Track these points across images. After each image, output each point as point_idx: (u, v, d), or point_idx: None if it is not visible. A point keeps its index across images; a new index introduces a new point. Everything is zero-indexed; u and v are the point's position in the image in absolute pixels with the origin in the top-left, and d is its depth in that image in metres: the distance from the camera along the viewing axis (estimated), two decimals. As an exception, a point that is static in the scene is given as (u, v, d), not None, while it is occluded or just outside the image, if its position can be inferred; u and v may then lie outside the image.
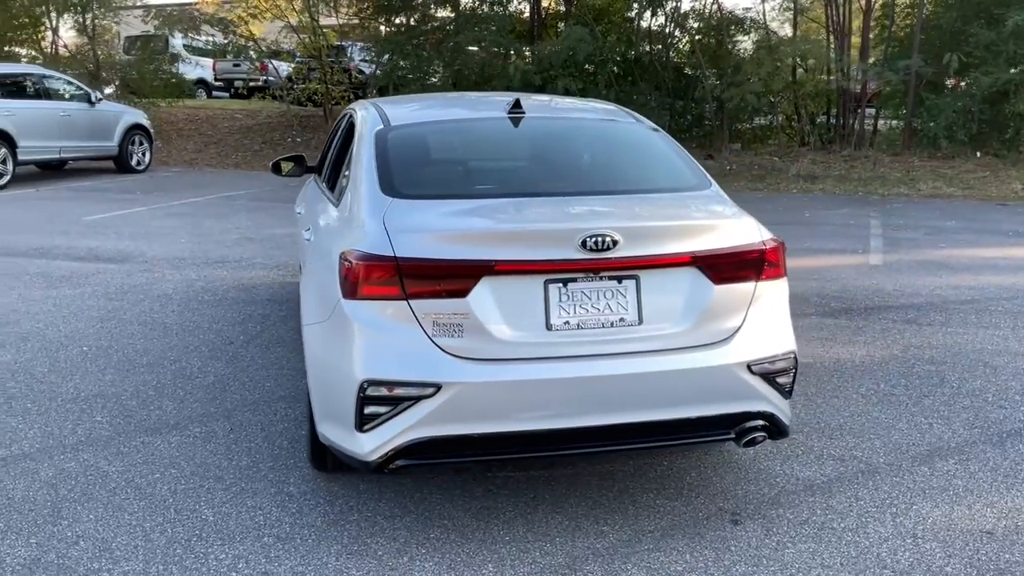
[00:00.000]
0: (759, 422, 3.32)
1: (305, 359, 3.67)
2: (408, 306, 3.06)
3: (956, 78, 16.05)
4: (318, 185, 4.90)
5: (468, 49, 16.73)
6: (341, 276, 3.19)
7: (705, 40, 18.02)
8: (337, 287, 3.21)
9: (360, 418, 3.09)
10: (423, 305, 3.06)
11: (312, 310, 3.56)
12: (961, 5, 16.16)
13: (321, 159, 5.29)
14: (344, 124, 4.79)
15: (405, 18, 18.12)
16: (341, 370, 3.16)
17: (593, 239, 3.06)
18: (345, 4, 19.37)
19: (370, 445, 3.11)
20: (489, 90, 15.96)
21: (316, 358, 3.43)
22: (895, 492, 3.75)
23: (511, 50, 17.04)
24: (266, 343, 5.70)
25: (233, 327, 6.07)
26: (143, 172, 15.79)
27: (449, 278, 3.06)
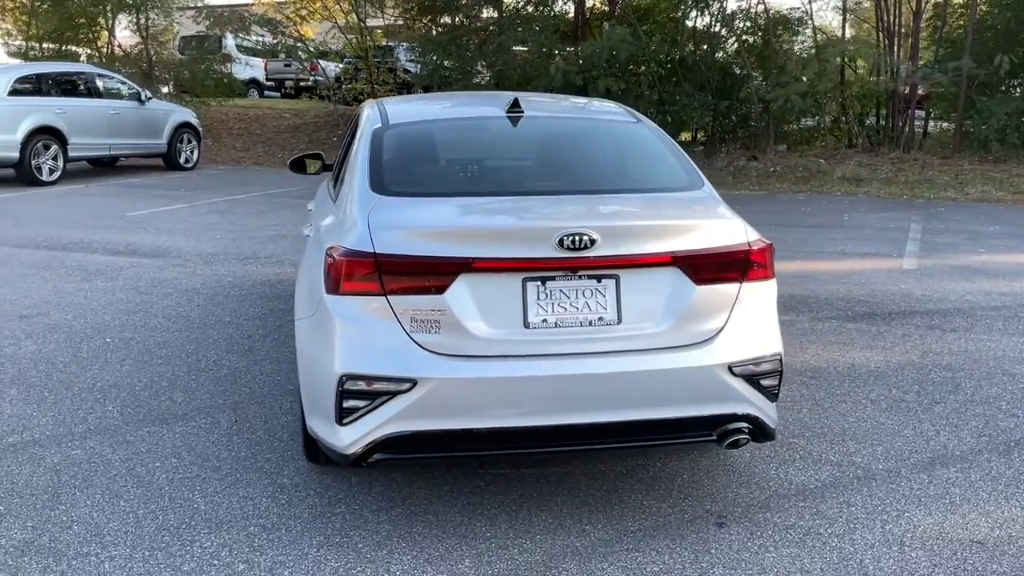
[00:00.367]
0: (742, 424, 3.30)
1: (296, 354, 3.73)
2: (387, 302, 3.10)
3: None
4: (328, 183, 4.98)
5: (512, 49, 16.75)
6: (324, 271, 3.24)
7: (751, 40, 17.83)
8: (323, 283, 3.27)
9: (339, 411, 3.14)
10: (401, 301, 3.09)
11: (302, 305, 3.62)
12: (1016, 5, 15.76)
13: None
14: (354, 123, 4.85)
15: (450, 18, 18.22)
16: (323, 364, 3.21)
17: (570, 238, 3.07)
18: (391, 5, 19.56)
19: (349, 438, 3.15)
20: (531, 90, 16.00)
21: (303, 352, 3.49)
22: (889, 499, 3.69)
23: (554, 50, 17.05)
24: (283, 338, 5.79)
25: (253, 321, 6.18)
26: (191, 170, 16.12)
27: (427, 275, 3.09)
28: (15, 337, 5.78)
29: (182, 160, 16.00)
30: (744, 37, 17.85)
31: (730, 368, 3.23)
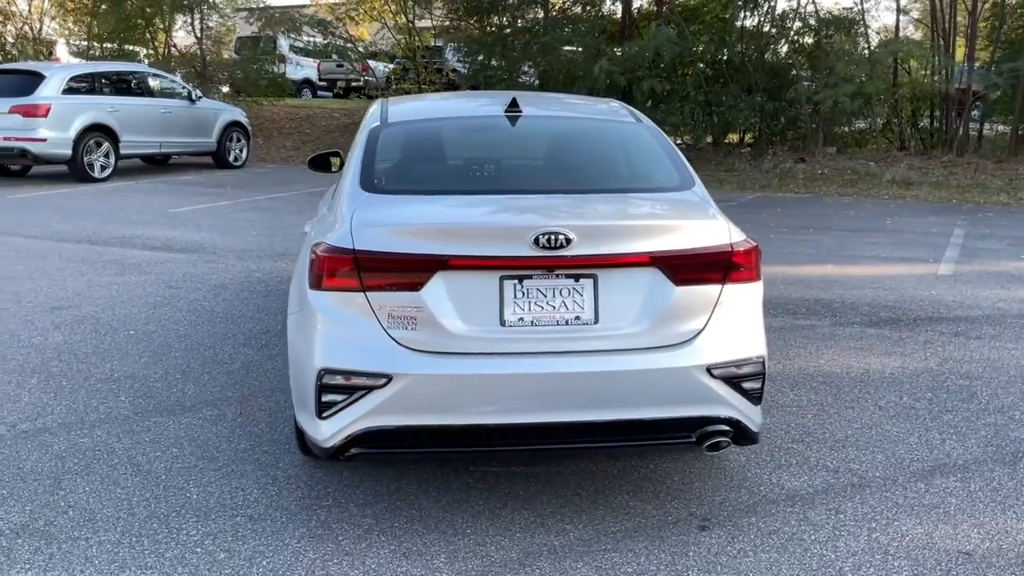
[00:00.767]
0: (722, 427, 3.27)
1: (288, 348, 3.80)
2: (366, 298, 3.14)
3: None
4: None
5: (558, 49, 16.74)
6: (308, 267, 3.30)
7: (801, 40, 17.58)
8: (307, 279, 3.33)
9: (319, 405, 3.19)
10: (379, 298, 3.13)
11: (293, 301, 3.68)
12: (1078, 4, 15.32)
13: None
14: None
15: (496, 18, 18.28)
16: (306, 358, 3.27)
17: (546, 237, 3.08)
18: (439, 5, 19.70)
19: (328, 431, 3.20)
20: (574, 90, 15.99)
21: (291, 346, 3.54)
22: (881, 507, 3.62)
23: (602, 50, 17.00)
24: (300, 333, 5.87)
25: (274, 316, 6.29)
26: (240, 168, 16.41)
27: (404, 272, 3.12)
28: (44, 328, 5.97)
29: (231, 158, 16.30)
30: (795, 37, 17.60)
31: (709, 370, 3.20)
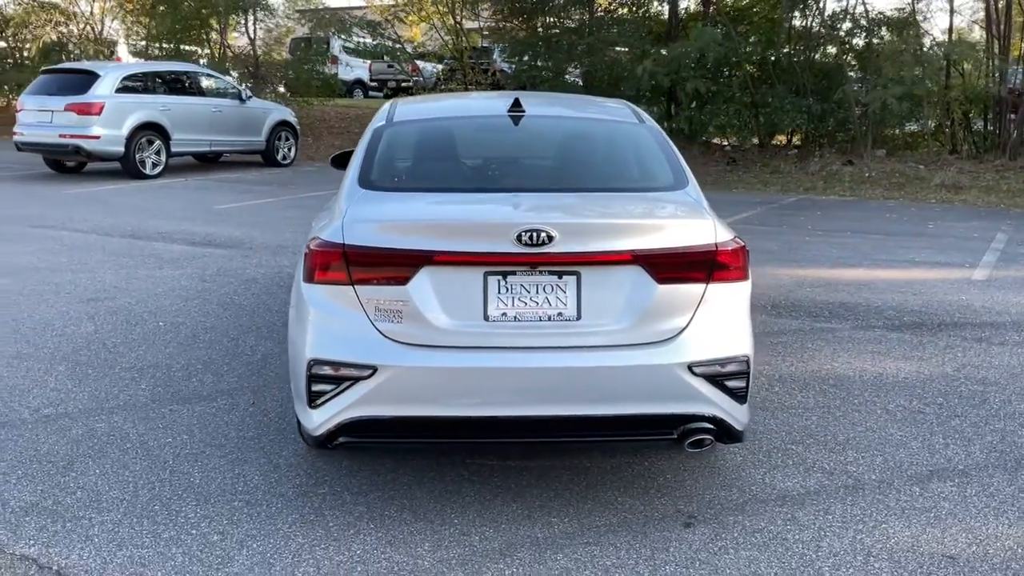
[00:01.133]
0: (704, 424, 3.30)
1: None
2: (354, 291, 3.24)
3: None
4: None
5: (603, 50, 16.75)
6: (302, 261, 3.41)
7: (852, 41, 17.32)
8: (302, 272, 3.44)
9: (309, 394, 3.30)
10: (367, 291, 3.23)
11: (293, 294, 3.79)
12: None
13: None
14: None
15: (543, 19, 18.34)
16: (299, 349, 3.38)
17: (528, 234, 3.14)
18: (486, 6, 19.83)
19: (317, 420, 3.31)
20: (619, 91, 15.98)
21: (289, 337, 3.66)
22: (871, 510, 3.62)
23: (648, 51, 16.96)
24: (321, 327, 6.01)
25: (299, 311, 6.43)
26: (288, 166, 16.72)
27: (390, 266, 3.21)
28: (78, 318, 6.19)
29: (279, 157, 16.61)
30: (845, 38, 17.35)
31: (690, 368, 3.24)
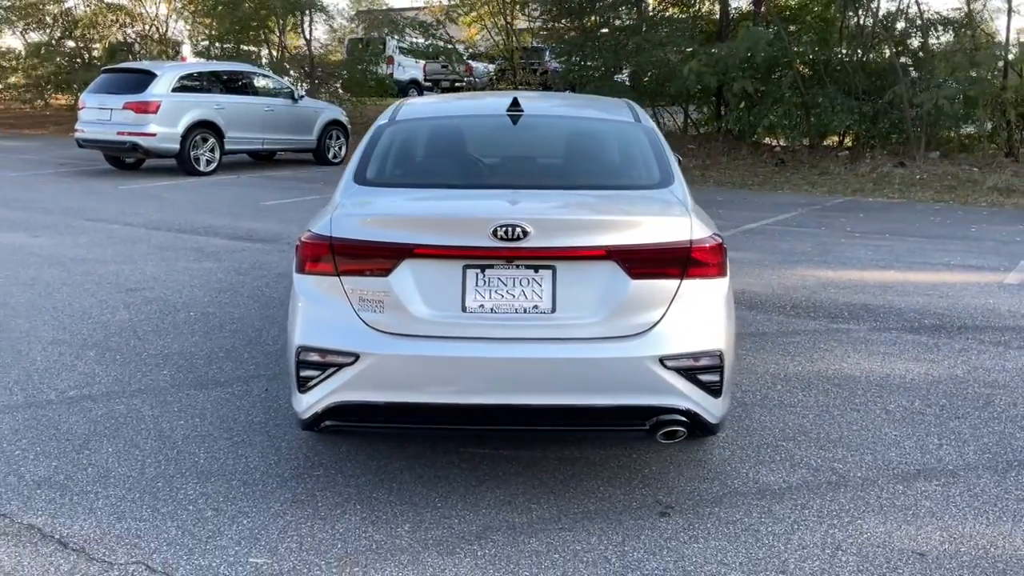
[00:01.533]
0: (676, 417, 3.38)
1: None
2: (339, 282, 3.40)
3: None
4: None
5: (651, 50, 16.75)
6: (294, 253, 3.58)
7: (906, 41, 17.05)
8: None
9: (298, 379, 3.47)
10: (351, 282, 3.38)
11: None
12: None
13: None
14: None
15: (590, 19, 18.41)
16: (290, 336, 3.55)
17: (504, 228, 3.26)
18: (536, 7, 19.97)
19: (305, 404, 3.48)
20: (665, 91, 16.01)
21: (287, 327, 3.84)
22: (850, 506, 3.66)
23: (698, 51, 16.92)
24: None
25: (325, 304, 6.64)
26: (338, 164, 17.03)
27: (373, 258, 3.36)
28: (114, 307, 6.48)
29: (330, 155, 16.95)
30: (899, 38, 17.08)
31: (662, 361, 3.32)
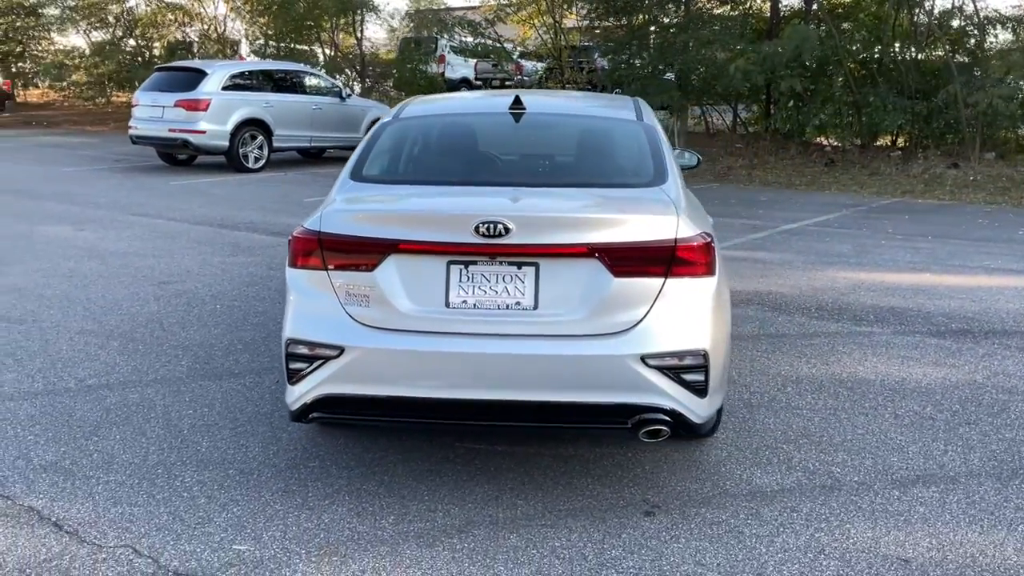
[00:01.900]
0: (658, 415, 3.36)
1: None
2: (327, 276, 3.46)
3: None
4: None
5: (697, 48, 16.59)
6: (287, 248, 3.66)
7: (962, 40, 16.63)
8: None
9: (288, 371, 3.54)
10: (338, 276, 3.44)
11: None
12: None
13: None
14: None
15: (635, 17, 18.29)
16: (282, 329, 3.63)
17: (486, 225, 3.28)
18: (582, 6, 19.93)
19: (294, 396, 3.54)
20: (712, 90, 15.84)
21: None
22: (840, 510, 3.60)
23: (747, 49, 16.71)
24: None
25: (348, 299, 6.73)
26: (385, 162, 17.22)
27: (359, 253, 3.41)
28: (144, 299, 6.66)
29: (377, 153, 17.13)
30: (955, 36, 16.67)
31: (643, 359, 3.31)
